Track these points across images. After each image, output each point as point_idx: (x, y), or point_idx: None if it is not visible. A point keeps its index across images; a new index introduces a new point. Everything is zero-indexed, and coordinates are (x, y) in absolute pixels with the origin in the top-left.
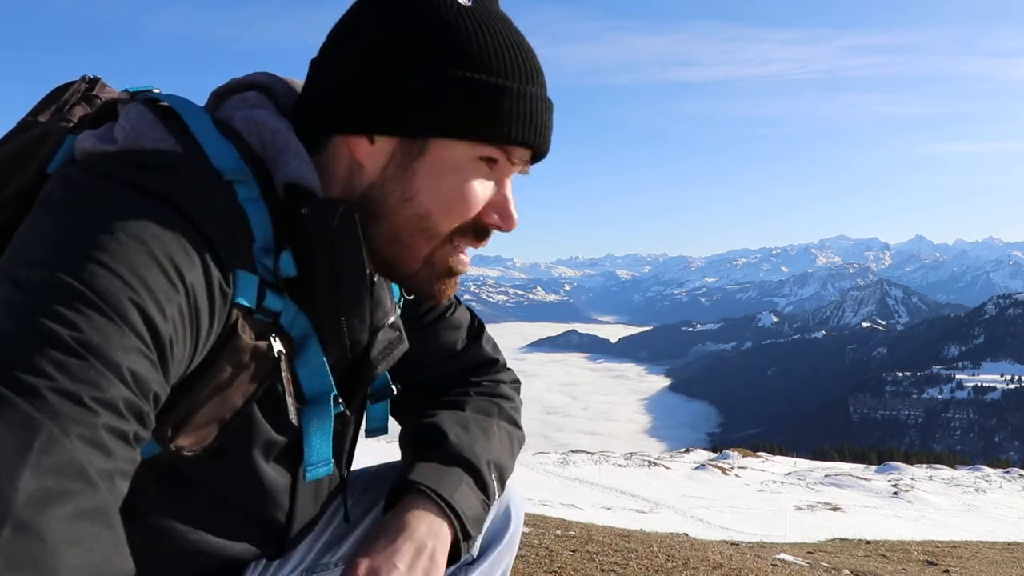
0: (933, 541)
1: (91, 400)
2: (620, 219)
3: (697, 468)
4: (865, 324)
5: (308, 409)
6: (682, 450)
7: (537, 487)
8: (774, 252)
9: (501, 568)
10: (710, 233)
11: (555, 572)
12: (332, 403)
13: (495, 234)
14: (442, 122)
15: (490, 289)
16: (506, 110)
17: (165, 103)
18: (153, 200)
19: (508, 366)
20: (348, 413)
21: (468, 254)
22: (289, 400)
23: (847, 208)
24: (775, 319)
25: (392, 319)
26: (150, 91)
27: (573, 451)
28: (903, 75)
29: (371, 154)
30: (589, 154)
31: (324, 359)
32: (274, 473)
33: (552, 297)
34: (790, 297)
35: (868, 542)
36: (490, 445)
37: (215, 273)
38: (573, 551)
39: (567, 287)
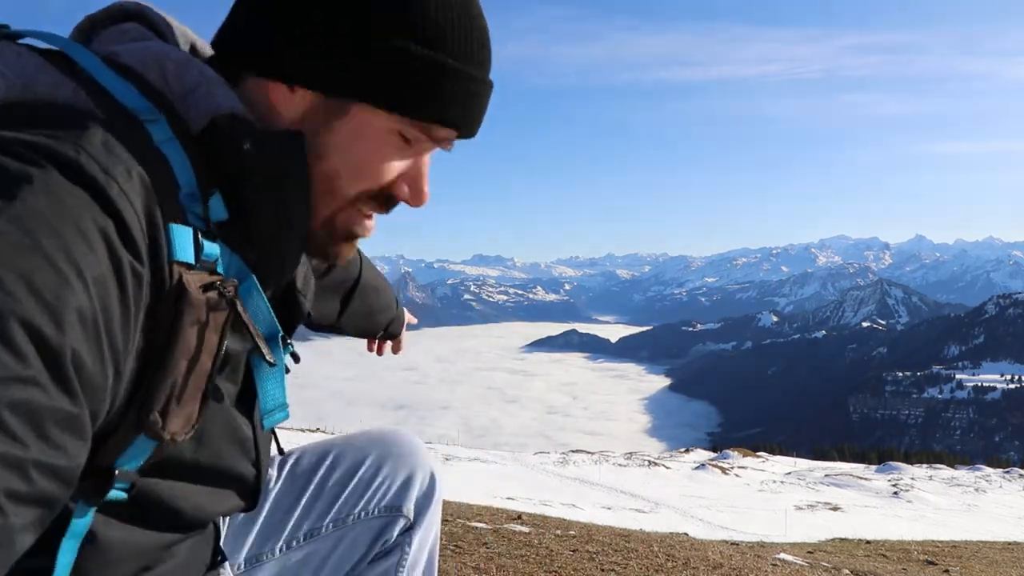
0: (933, 541)
1: None
2: (620, 219)
3: (697, 468)
4: (865, 324)
5: (257, 354)
6: (682, 450)
7: (537, 487)
8: (774, 252)
9: (434, 530)
10: (710, 233)
11: (555, 572)
12: (281, 343)
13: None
14: (372, 91)
15: (490, 289)
16: (443, 91)
17: (44, 43)
18: (46, 169)
19: None
20: (296, 354)
21: (375, 219)
22: (260, 341)
23: (847, 208)
24: (775, 319)
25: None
26: (3, 27)
27: (573, 451)
28: (903, 75)
29: (289, 102)
30: (589, 154)
31: (265, 299)
32: (243, 428)
33: (552, 297)
34: (790, 297)
35: (868, 542)
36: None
37: (123, 255)
38: (573, 551)
39: (567, 287)
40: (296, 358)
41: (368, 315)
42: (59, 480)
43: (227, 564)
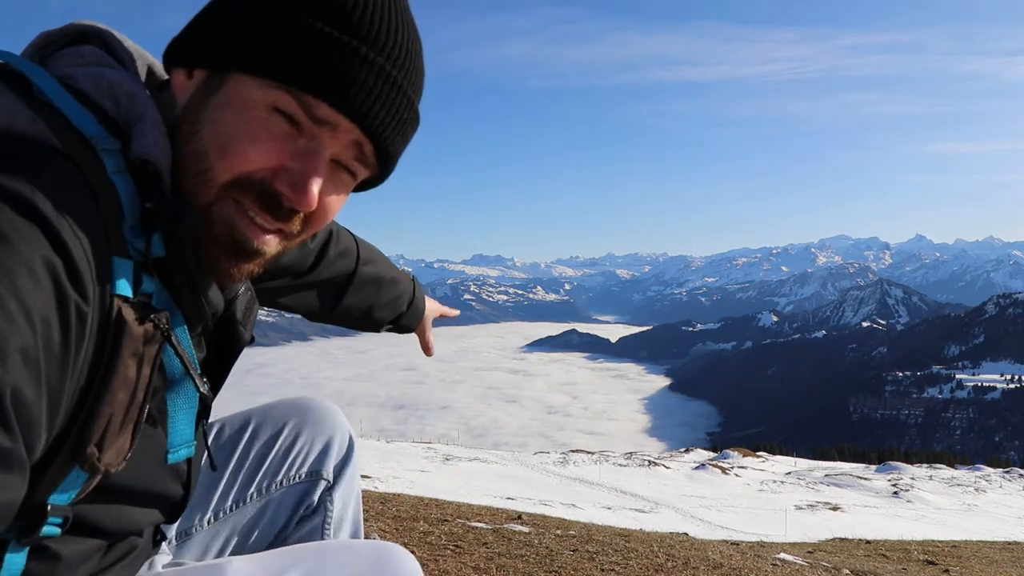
0: (933, 541)
1: None
2: (620, 219)
3: (697, 468)
4: (865, 324)
5: (171, 390)
6: (682, 450)
7: (537, 487)
8: (774, 252)
9: (355, 486)
10: (710, 232)
11: (555, 572)
12: (196, 381)
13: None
14: (241, 53)
15: (490, 289)
16: (318, 59)
17: (6, 63)
18: (1, 205)
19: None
20: (211, 393)
21: (271, 231)
22: (192, 373)
23: (847, 207)
24: (775, 319)
25: (243, 286)
26: None
27: (573, 451)
28: (903, 75)
29: (184, 87)
30: (589, 154)
31: (188, 335)
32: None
33: (552, 297)
34: (790, 297)
35: (868, 542)
36: (382, 271)
37: (70, 294)
38: (573, 551)
39: (567, 287)
40: (209, 398)
41: (366, 311)
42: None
43: (164, 543)
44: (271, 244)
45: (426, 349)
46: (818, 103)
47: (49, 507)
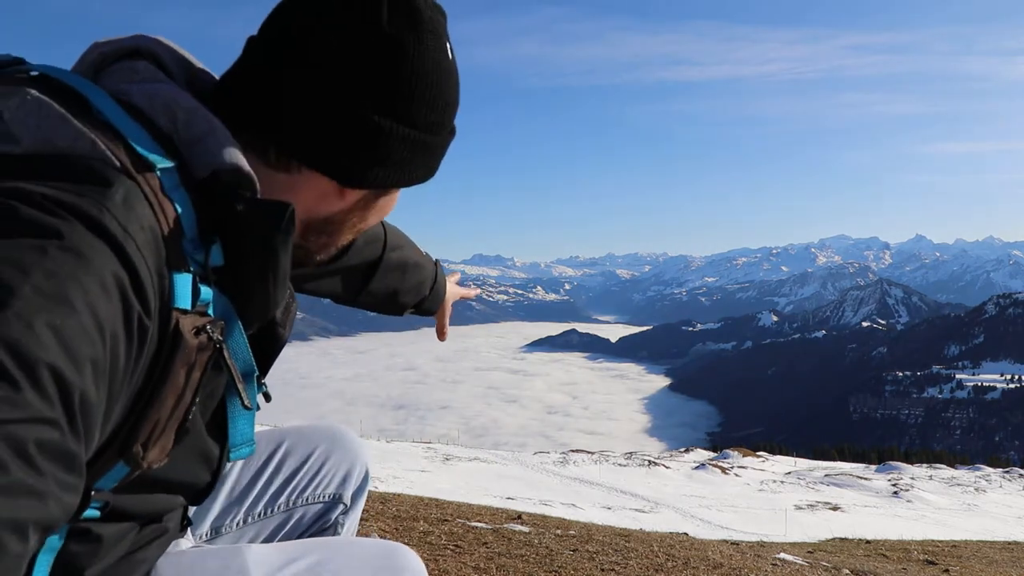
0: (933, 540)
1: None
2: (620, 218)
3: (697, 467)
4: (865, 324)
5: (232, 392)
6: (682, 449)
7: (537, 486)
8: (774, 251)
9: (360, 511)
10: (710, 232)
11: (555, 571)
12: (256, 383)
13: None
14: (409, 181)
15: (490, 288)
16: (436, 164)
17: (65, 82)
18: (74, 224)
19: None
20: (268, 393)
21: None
22: (240, 386)
23: (847, 207)
24: (775, 319)
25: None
26: (16, 62)
27: (573, 450)
28: (903, 74)
29: (340, 198)
30: (589, 154)
31: (245, 339)
32: (212, 450)
33: (552, 296)
34: (790, 296)
35: (868, 541)
36: (410, 254)
37: (134, 307)
38: (573, 550)
39: (567, 286)
40: (268, 397)
41: (391, 295)
42: (66, 513)
43: (189, 530)
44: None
45: (441, 332)
46: (818, 103)
47: (93, 493)
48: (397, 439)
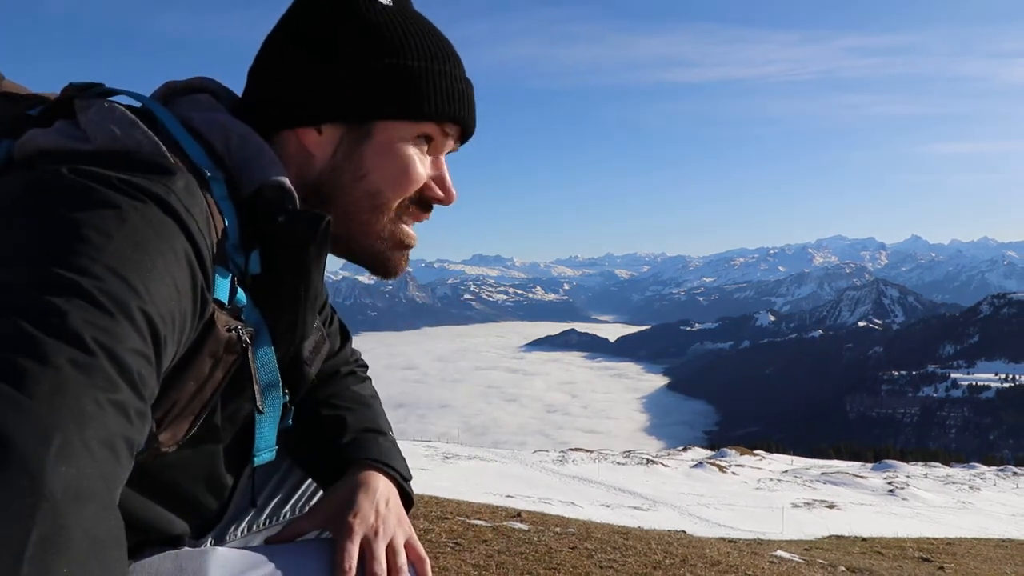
0: (928, 538)
1: (108, 403)
2: (619, 219)
3: (695, 466)
4: (861, 323)
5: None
6: (680, 448)
7: (536, 485)
8: (772, 252)
9: None
10: (708, 233)
11: (554, 569)
12: (280, 392)
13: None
14: (380, 106)
15: (490, 288)
16: (430, 88)
17: (138, 102)
18: (145, 202)
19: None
20: (291, 404)
21: (415, 229)
22: (256, 388)
23: (844, 208)
24: (772, 318)
25: (318, 322)
26: (98, 86)
27: (572, 449)
28: (900, 76)
29: (320, 143)
30: (588, 154)
31: (273, 351)
32: (225, 460)
33: (551, 296)
34: (787, 297)
35: (864, 539)
36: (381, 413)
37: (199, 276)
38: (572, 548)
39: (566, 286)
40: (291, 410)
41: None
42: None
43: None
44: (416, 237)
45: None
46: (816, 104)
47: None
48: (397, 438)
